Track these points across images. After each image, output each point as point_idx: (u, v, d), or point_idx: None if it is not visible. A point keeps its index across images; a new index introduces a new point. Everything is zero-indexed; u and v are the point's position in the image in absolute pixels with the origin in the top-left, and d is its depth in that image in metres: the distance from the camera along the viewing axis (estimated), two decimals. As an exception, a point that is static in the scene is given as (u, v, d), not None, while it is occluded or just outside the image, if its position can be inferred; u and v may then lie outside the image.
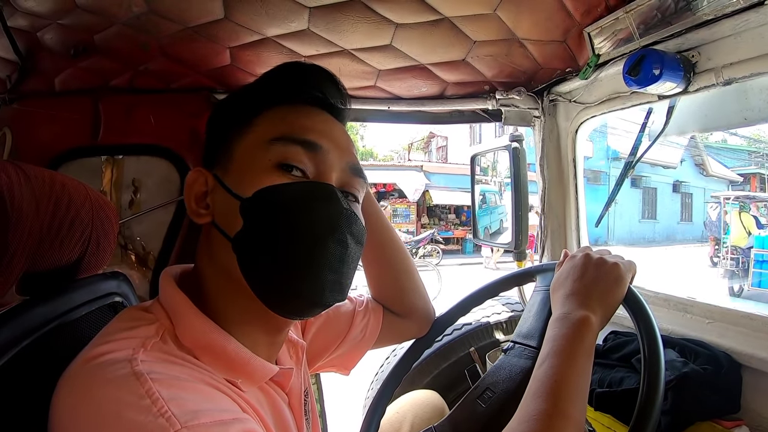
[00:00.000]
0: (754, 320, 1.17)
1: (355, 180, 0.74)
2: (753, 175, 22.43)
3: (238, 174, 0.68)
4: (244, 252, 0.65)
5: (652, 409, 0.72)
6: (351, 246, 0.68)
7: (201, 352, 0.62)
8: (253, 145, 0.69)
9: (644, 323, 0.81)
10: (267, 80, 0.77)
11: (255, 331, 0.69)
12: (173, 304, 0.66)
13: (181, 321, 0.64)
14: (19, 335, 0.69)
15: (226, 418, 0.52)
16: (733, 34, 1.06)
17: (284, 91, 0.74)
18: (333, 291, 0.66)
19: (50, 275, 0.81)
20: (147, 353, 0.55)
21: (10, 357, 0.66)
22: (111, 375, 0.51)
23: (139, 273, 1.49)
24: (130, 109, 1.50)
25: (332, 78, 0.78)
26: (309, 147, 0.68)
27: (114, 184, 1.51)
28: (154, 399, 0.48)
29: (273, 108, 0.72)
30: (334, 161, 0.70)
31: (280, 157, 0.66)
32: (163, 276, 0.71)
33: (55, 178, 0.81)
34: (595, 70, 1.33)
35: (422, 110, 1.66)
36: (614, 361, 1.28)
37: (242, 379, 0.65)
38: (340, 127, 0.76)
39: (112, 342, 0.57)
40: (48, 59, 1.35)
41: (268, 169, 0.66)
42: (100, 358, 0.54)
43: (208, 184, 0.72)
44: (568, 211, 1.69)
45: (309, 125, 0.70)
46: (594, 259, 0.89)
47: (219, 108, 0.79)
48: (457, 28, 1.20)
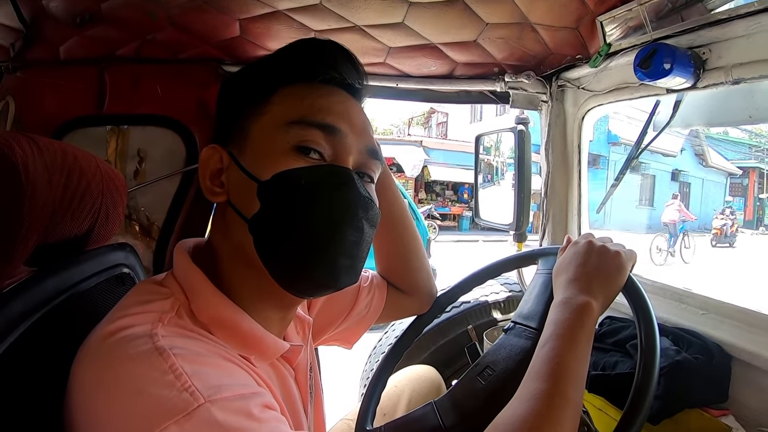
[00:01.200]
0: (748, 315, 1.20)
1: (372, 161, 0.74)
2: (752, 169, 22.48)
3: (255, 155, 0.68)
4: (261, 234, 0.65)
5: (646, 393, 0.75)
6: (366, 230, 0.69)
7: (216, 328, 0.63)
8: (270, 126, 0.68)
9: (642, 311, 0.84)
10: (283, 56, 0.75)
11: (267, 308, 0.70)
12: (189, 280, 0.67)
13: (197, 297, 0.65)
14: (32, 307, 0.70)
15: (246, 392, 0.53)
16: (746, 34, 1.07)
17: (301, 70, 0.72)
18: (347, 274, 0.67)
19: (60, 247, 0.82)
20: (165, 328, 0.56)
21: (24, 329, 0.67)
22: (133, 351, 0.52)
23: (142, 243, 1.50)
24: (137, 79, 1.48)
25: (350, 56, 0.77)
26: (328, 130, 0.67)
27: (119, 155, 1.50)
28: (177, 374, 0.49)
29: (289, 86, 0.71)
30: (352, 144, 0.70)
31: (299, 140, 0.66)
32: (178, 250, 0.72)
33: (67, 150, 0.81)
34: (606, 59, 1.33)
35: (430, 89, 1.66)
36: (609, 345, 1.31)
37: (255, 355, 0.67)
38: (358, 108, 0.76)
39: (130, 316, 0.58)
40: (53, 27, 1.33)
41: (286, 152, 0.66)
42: (119, 334, 0.55)
43: (223, 162, 0.71)
44: (571, 196, 1.70)
45: (327, 107, 0.69)
46: (597, 247, 0.90)
47: (232, 82, 0.78)
48: (470, 10, 1.19)
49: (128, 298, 0.65)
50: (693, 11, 1.10)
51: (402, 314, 1.19)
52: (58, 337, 0.71)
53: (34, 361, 0.67)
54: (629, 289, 0.88)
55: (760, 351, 1.12)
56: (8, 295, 0.67)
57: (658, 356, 0.78)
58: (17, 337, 0.65)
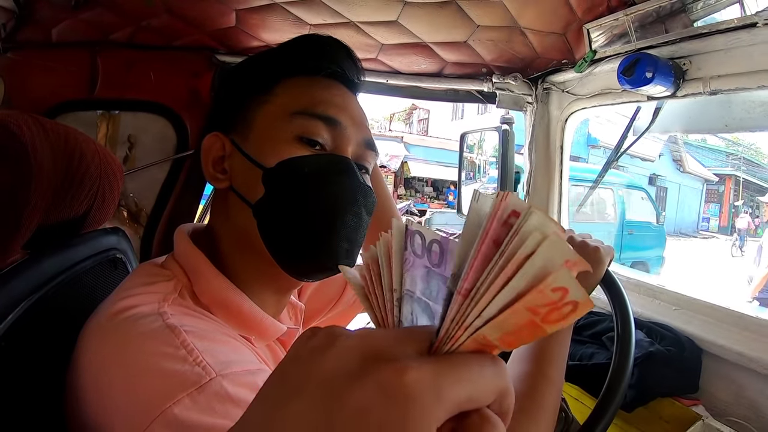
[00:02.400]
0: (717, 311, 1.27)
1: (368, 153, 0.77)
2: (728, 176, 22.96)
3: (259, 143, 0.71)
4: (266, 218, 0.68)
5: (621, 378, 0.80)
6: (364, 217, 0.72)
7: (217, 309, 0.65)
8: (274, 115, 0.71)
9: (619, 303, 0.89)
10: (288, 50, 0.79)
11: (265, 291, 0.73)
12: (191, 262, 0.69)
13: (199, 278, 0.67)
14: (31, 288, 0.71)
15: (253, 368, 0.55)
16: (725, 49, 1.13)
17: (305, 63, 0.76)
18: (347, 258, 0.70)
19: (56, 229, 0.82)
20: (171, 307, 0.58)
21: (23, 310, 0.68)
22: (144, 328, 0.54)
23: (130, 229, 1.50)
24: (130, 65, 1.48)
25: (350, 53, 0.81)
26: (329, 122, 0.70)
27: (109, 140, 1.50)
28: (189, 350, 0.52)
29: (293, 78, 0.75)
30: (352, 135, 0.73)
31: (302, 130, 0.69)
32: (179, 233, 0.75)
33: (69, 132, 0.82)
34: (590, 65, 1.37)
35: (419, 86, 1.69)
36: (586, 337, 1.37)
37: (255, 336, 0.70)
38: (356, 101, 0.79)
39: (135, 296, 0.60)
40: (47, 9, 1.32)
41: (290, 141, 0.69)
42: (127, 312, 0.56)
43: (226, 150, 0.74)
44: (552, 195, 1.75)
45: (329, 99, 0.73)
46: (577, 242, 0.96)
47: (234, 72, 0.81)
48: (462, 11, 1.22)
49: (131, 279, 0.67)
50: (677, 21, 1.15)
51: None
52: (55, 319, 0.73)
53: (33, 341, 0.68)
54: (607, 283, 0.93)
55: (729, 345, 1.20)
56: (7, 275, 0.68)
57: (633, 344, 0.84)
58: (17, 318, 0.66)
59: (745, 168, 22.88)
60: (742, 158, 22.64)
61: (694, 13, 1.12)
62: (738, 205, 21.78)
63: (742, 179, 22.67)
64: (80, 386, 0.55)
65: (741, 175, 22.61)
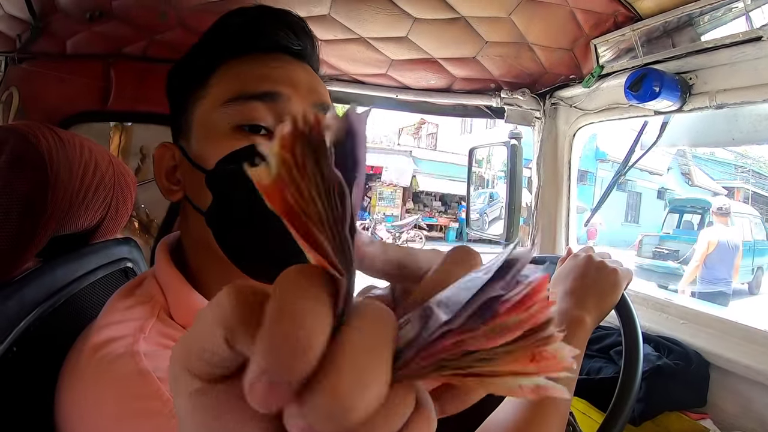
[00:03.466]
0: (724, 324, 1.27)
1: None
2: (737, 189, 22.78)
3: (199, 143, 0.66)
4: (217, 225, 0.63)
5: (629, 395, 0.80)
6: None
7: None
8: (209, 109, 0.65)
9: (630, 329, 0.88)
10: (215, 33, 0.72)
11: None
12: (166, 279, 0.66)
13: (173, 297, 0.64)
14: (44, 295, 0.72)
15: None
16: (730, 63, 1.13)
17: (234, 43, 0.68)
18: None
19: (70, 238, 0.84)
20: (146, 339, 0.55)
21: (35, 317, 0.69)
22: (117, 373, 0.51)
23: (141, 240, 1.51)
24: (143, 77, 1.50)
25: (283, 16, 0.71)
26: (266, 98, 0.63)
27: (121, 151, 1.53)
28: (164, 401, 0.49)
29: (227, 62, 0.67)
30: (298, 106, 0.65)
31: (238, 117, 0.63)
32: (159, 247, 0.70)
33: (84, 143, 0.84)
34: (598, 80, 1.39)
35: (428, 101, 1.70)
36: (594, 351, 1.37)
37: None
38: (302, 69, 0.70)
39: (112, 326, 0.57)
40: (62, 21, 1.34)
41: (228, 134, 0.63)
42: (102, 350, 0.54)
43: (176, 158, 0.70)
44: (560, 210, 1.76)
45: (264, 74, 0.65)
46: (596, 262, 0.91)
47: (174, 71, 0.75)
48: (471, 28, 1.24)
49: (112, 302, 0.65)
50: (684, 35, 1.16)
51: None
52: (66, 326, 0.74)
53: (44, 348, 0.69)
54: (621, 308, 0.91)
55: (736, 358, 1.19)
56: (22, 282, 0.70)
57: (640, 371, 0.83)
58: (28, 325, 0.68)
59: (754, 180, 22.68)
60: (750, 171, 22.44)
61: (701, 27, 1.13)
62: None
63: (751, 192, 22.48)
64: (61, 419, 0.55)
65: (750, 188, 22.41)
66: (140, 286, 0.67)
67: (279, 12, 0.71)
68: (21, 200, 0.68)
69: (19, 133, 0.69)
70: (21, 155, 0.68)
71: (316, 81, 0.70)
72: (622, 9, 1.16)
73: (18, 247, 0.69)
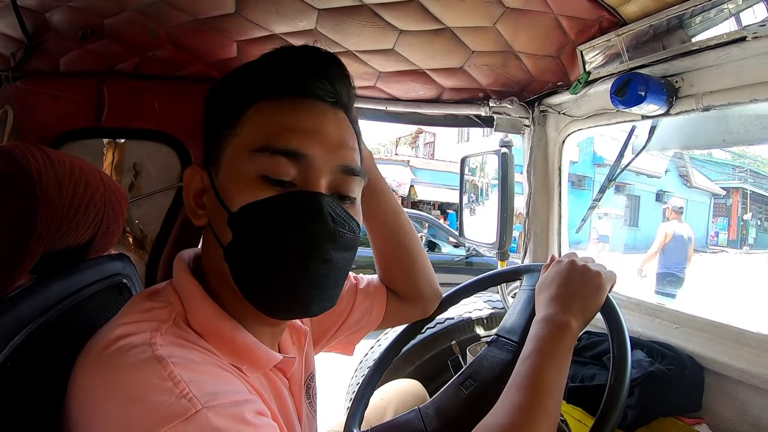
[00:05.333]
0: (718, 327, 1.27)
1: (350, 180, 0.70)
2: (736, 189, 22.82)
3: (226, 181, 0.67)
4: (234, 264, 0.66)
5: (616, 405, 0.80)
6: (336, 260, 0.67)
7: (210, 337, 0.65)
8: (238, 152, 0.67)
9: (616, 332, 0.88)
10: (253, 70, 0.72)
11: (255, 321, 0.71)
12: (186, 290, 0.68)
13: (192, 307, 0.67)
14: (37, 312, 0.72)
15: (240, 399, 0.56)
16: (716, 64, 1.15)
17: (268, 85, 0.69)
18: (319, 303, 0.68)
19: (63, 255, 0.84)
20: (162, 337, 0.58)
21: (29, 333, 0.69)
22: (133, 359, 0.54)
23: (136, 255, 1.53)
24: (135, 94, 1.52)
25: (324, 65, 0.71)
26: (293, 156, 0.65)
27: (115, 167, 1.54)
28: (176, 381, 0.52)
29: (259, 103, 0.68)
30: (322, 166, 0.67)
31: (264, 169, 0.64)
32: (177, 260, 0.74)
33: (74, 162, 0.84)
34: (585, 86, 1.40)
35: (418, 112, 1.72)
36: (587, 359, 1.37)
37: (247, 365, 0.69)
38: (333, 121, 0.70)
39: (129, 324, 0.60)
40: (55, 39, 1.36)
41: (253, 181, 0.65)
42: (119, 342, 0.57)
43: (204, 182, 0.72)
44: (552, 216, 1.77)
45: (294, 125, 0.66)
46: (579, 267, 0.93)
47: (212, 97, 0.76)
48: (457, 38, 1.25)
49: (129, 306, 0.67)
50: (674, 38, 1.16)
51: (404, 320, 1.19)
52: (59, 343, 0.74)
53: (37, 364, 0.70)
54: (606, 310, 0.92)
55: (730, 362, 1.19)
56: (15, 298, 0.70)
57: (628, 373, 0.83)
58: (23, 340, 0.68)
59: (752, 180, 22.73)
60: (748, 170, 22.50)
61: (692, 28, 1.14)
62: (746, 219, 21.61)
63: (749, 192, 22.52)
64: (72, 413, 0.56)
65: (748, 188, 22.46)
66: (158, 293, 0.70)
67: (321, 59, 0.72)
68: (11, 220, 0.68)
69: (9, 154, 0.70)
70: (11, 176, 0.69)
71: (346, 134, 0.71)
72: (606, 14, 1.17)
73: (9, 265, 0.70)
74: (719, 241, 23.23)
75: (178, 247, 1.54)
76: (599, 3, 1.12)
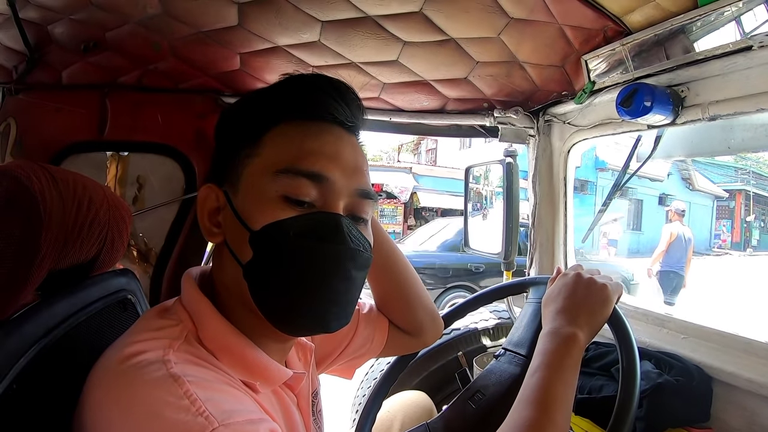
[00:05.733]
0: (725, 337, 1.26)
1: (364, 202, 0.73)
2: (738, 191, 22.77)
3: (246, 200, 0.68)
4: (255, 282, 0.66)
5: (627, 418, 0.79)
6: (354, 278, 0.69)
7: (222, 355, 0.65)
8: (260, 172, 0.68)
9: (625, 344, 0.88)
10: (274, 94, 0.74)
11: (266, 338, 0.72)
12: (196, 308, 0.68)
13: (203, 324, 0.67)
14: (43, 330, 0.72)
15: (254, 418, 0.56)
16: (722, 74, 1.14)
17: (291, 109, 0.71)
18: (337, 319, 0.69)
19: (68, 273, 0.84)
20: (176, 354, 0.58)
21: (36, 352, 0.69)
22: (149, 376, 0.54)
23: (140, 269, 1.52)
24: (138, 107, 1.52)
25: (342, 91, 0.74)
26: (315, 179, 0.67)
27: (118, 180, 1.54)
28: (192, 400, 0.52)
29: (280, 126, 0.70)
30: (342, 189, 0.69)
31: (286, 189, 0.66)
32: (186, 278, 0.74)
33: (77, 180, 0.84)
34: (590, 96, 1.39)
35: (422, 123, 1.72)
36: (595, 369, 1.36)
37: (260, 382, 0.69)
38: (350, 146, 0.73)
39: (141, 342, 0.60)
40: (57, 52, 1.37)
41: (275, 201, 0.66)
42: (133, 359, 0.57)
43: (220, 201, 0.72)
44: (557, 227, 1.76)
45: (317, 149, 0.68)
46: (584, 279, 0.94)
47: (227, 118, 0.78)
48: (461, 49, 1.25)
49: (139, 324, 0.67)
50: (677, 45, 1.16)
51: (405, 351, 1.17)
52: (65, 362, 0.74)
53: (44, 385, 0.69)
54: (613, 322, 0.92)
55: (738, 371, 1.18)
56: (21, 319, 0.70)
57: (637, 385, 0.83)
58: (28, 361, 0.67)
59: (755, 182, 22.68)
60: (750, 172, 22.45)
61: (694, 34, 1.13)
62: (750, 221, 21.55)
63: (752, 193, 22.47)
64: (84, 429, 0.56)
65: (751, 190, 22.41)
66: (168, 310, 0.70)
67: (340, 86, 0.74)
68: (15, 241, 0.68)
69: (12, 174, 0.70)
70: (14, 197, 0.68)
71: (360, 159, 0.74)
72: (611, 24, 1.17)
73: (13, 287, 0.69)
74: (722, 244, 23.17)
75: (183, 260, 1.54)
76: (603, 12, 1.12)
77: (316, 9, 1.13)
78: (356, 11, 1.13)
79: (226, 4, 1.14)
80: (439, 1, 1.08)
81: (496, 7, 1.09)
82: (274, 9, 1.14)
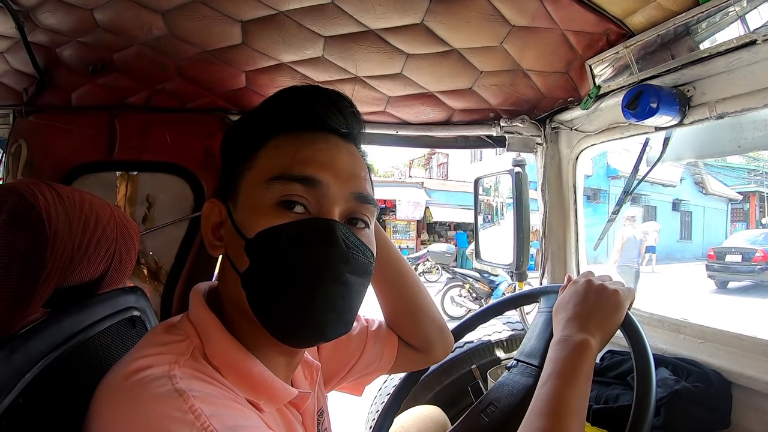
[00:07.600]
0: (744, 341, 1.23)
1: (363, 207, 0.72)
2: (752, 193, 22.48)
3: (243, 211, 0.69)
4: (251, 290, 0.66)
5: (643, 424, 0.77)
6: (352, 283, 0.68)
7: (227, 371, 0.65)
8: (255, 182, 0.69)
9: (639, 348, 0.86)
10: (268, 107, 0.75)
11: (272, 353, 0.71)
12: (203, 324, 0.69)
13: (210, 341, 0.67)
14: (49, 346, 0.72)
15: None
16: (727, 70, 1.12)
17: (284, 121, 0.72)
18: (334, 327, 0.68)
19: (75, 290, 0.84)
20: (181, 369, 0.59)
21: (42, 368, 0.69)
22: (155, 392, 0.55)
23: (150, 287, 1.53)
24: (146, 127, 1.54)
25: (336, 101, 0.75)
26: (308, 183, 0.67)
27: (128, 200, 1.55)
28: (197, 415, 0.52)
29: (276, 137, 0.71)
30: (336, 193, 0.69)
31: (280, 195, 0.66)
32: (193, 294, 0.74)
33: (84, 198, 0.84)
34: (596, 101, 1.38)
35: (429, 135, 1.72)
36: (611, 378, 1.33)
37: (264, 400, 0.68)
38: (346, 152, 0.73)
39: (147, 357, 0.60)
40: (66, 74, 1.40)
41: (269, 209, 0.67)
42: (139, 374, 0.57)
43: (222, 215, 0.73)
44: (568, 235, 1.74)
45: (309, 156, 0.69)
46: (595, 285, 0.93)
47: (228, 136, 0.79)
48: (465, 59, 1.25)
49: (146, 339, 0.67)
50: (682, 45, 1.15)
51: (415, 367, 1.16)
52: (71, 378, 0.74)
53: (51, 399, 0.69)
54: (627, 327, 0.90)
55: (758, 375, 1.15)
56: (28, 334, 0.70)
57: (653, 391, 0.81)
58: (34, 376, 0.68)
59: (768, 183, 22.38)
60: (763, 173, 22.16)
61: (699, 34, 1.12)
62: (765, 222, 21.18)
63: (766, 194, 22.15)
64: None
65: (765, 191, 22.10)
66: (174, 326, 0.70)
67: (332, 95, 0.75)
68: (21, 258, 0.68)
69: (18, 192, 0.70)
70: (19, 213, 0.69)
71: (357, 165, 0.74)
72: (613, 27, 1.16)
73: (19, 302, 0.70)
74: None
75: (193, 277, 1.54)
76: (605, 16, 1.12)
77: (318, 25, 1.14)
78: (358, 25, 1.14)
79: (229, 23, 1.16)
80: (440, 12, 1.09)
81: (497, 16, 1.10)
82: (277, 26, 1.15)
